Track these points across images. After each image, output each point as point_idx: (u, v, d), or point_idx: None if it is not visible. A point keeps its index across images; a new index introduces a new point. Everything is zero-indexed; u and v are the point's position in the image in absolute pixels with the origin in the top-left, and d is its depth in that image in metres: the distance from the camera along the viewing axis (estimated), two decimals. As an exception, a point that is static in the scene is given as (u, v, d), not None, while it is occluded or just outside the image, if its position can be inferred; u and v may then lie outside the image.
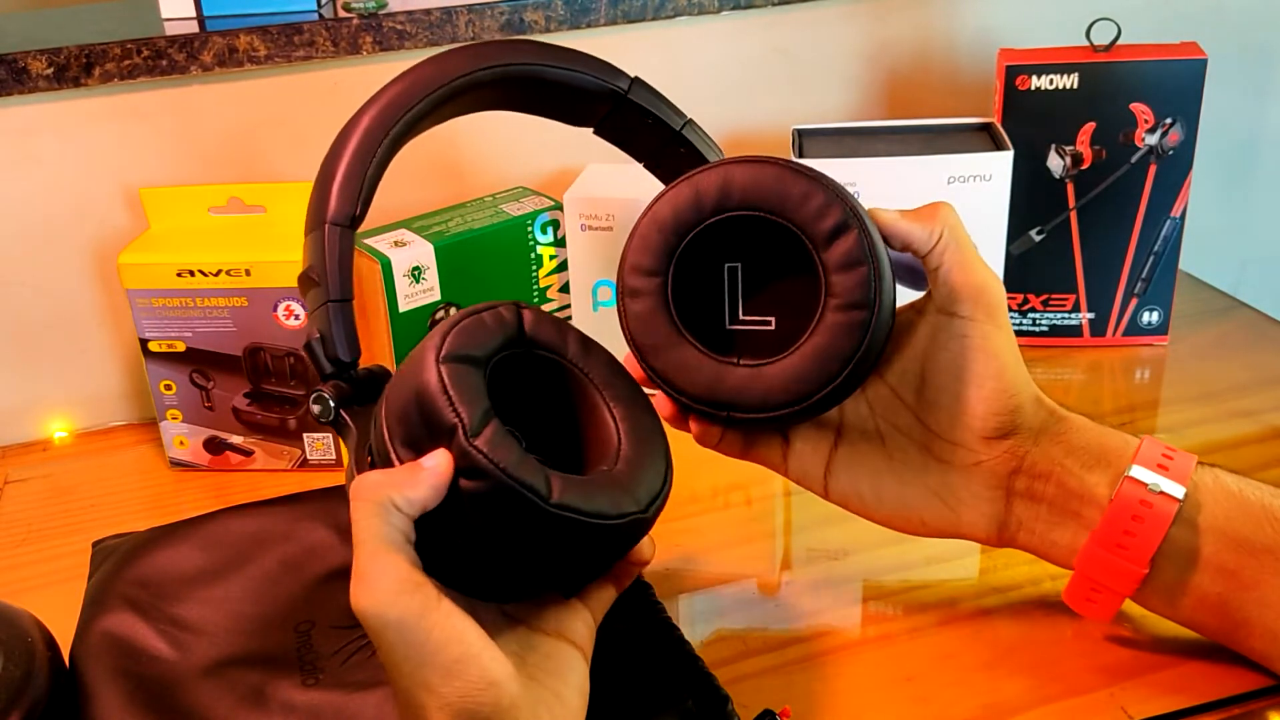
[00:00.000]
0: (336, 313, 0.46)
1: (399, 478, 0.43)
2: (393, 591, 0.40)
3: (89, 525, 0.70)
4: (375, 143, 0.49)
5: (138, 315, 0.71)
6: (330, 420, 0.49)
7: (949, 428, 0.54)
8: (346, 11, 0.79)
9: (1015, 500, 0.54)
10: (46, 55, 0.74)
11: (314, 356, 0.47)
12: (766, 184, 0.49)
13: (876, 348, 0.50)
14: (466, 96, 0.54)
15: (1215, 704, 0.52)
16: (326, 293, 0.47)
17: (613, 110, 0.58)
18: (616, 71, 0.58)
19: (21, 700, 0.47)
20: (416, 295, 0.72)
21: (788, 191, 0.49)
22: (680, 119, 0.59)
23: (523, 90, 0.56)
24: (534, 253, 0.76)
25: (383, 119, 0.50)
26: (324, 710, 0.50)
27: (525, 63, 0.55)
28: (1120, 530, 0.51)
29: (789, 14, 0.88)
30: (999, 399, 0.52)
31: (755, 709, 0.52)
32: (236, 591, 0.57)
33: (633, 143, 0.60)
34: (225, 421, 0.74)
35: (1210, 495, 0.51)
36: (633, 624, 0.55)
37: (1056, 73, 0.78)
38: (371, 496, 0.42)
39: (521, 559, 0.45)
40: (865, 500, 0.56)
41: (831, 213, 0.49)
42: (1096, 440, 0.53)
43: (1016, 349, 0.53)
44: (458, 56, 0.53)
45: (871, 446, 0.56)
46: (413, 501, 0.42)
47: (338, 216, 0.48)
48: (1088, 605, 0.54)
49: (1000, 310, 0.53)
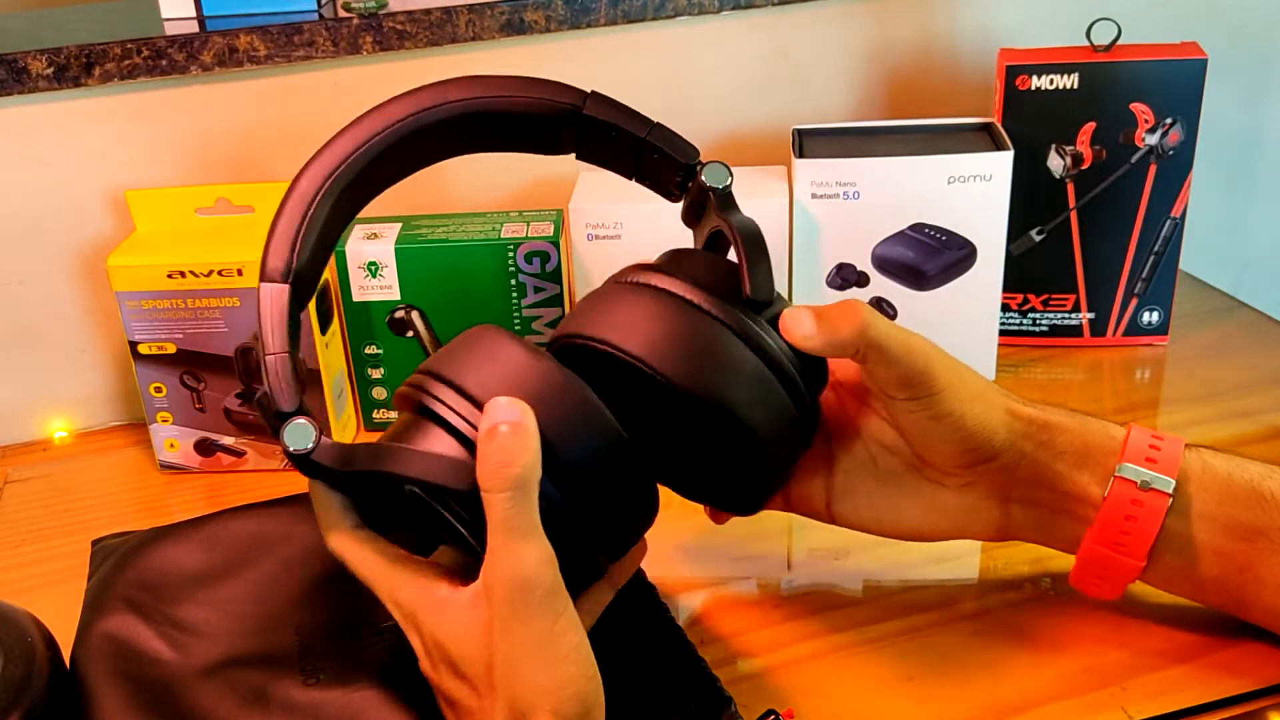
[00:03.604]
0: (274, 365, 0.47)
1: (515, 446, 0.43)
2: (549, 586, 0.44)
3: (89, 525, 0.70)
4: (309, 198, 0.50)
5: (127, 318, 0.71)
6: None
7: (933, 462, 0.54)
8: (346, 11, 0.79)
9: (1012, 506, 0.55)
10: (46, 55, 0.74)
11: (262, 410, 0.48)
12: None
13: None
14: (419, 144, 0.53)
15: (1215, 704, 0.52)
16: (263, 347, 0.48)
17: (579, 131, 0.55)
18: (569, 89, 0.55)
19: (21, 700, 0.47)
20: (371, 289, 0.74)
21: None
22: (645, 126, 0.55)
23: (479, 128, 0.55)
24: (515, 279, 0.74)
25: (321, 171, 0.51)
26: (326, 709, 0.50)
27: (468, 97, 0.53)
28: (1116, 529, 0.52)
29: (789, 14, 0.88)
30: (969, 440, 0.52)
31: (756, 709, 0.52)
32: (237, 592, 0.57)
33: (610, 161, 0.58)
34: (216, 423, 0.74)
35: (1199, 483, 0.52)
36: (638, 626, 0.55)
37: (1056, 73, 0.78)
38: (508, 479, 0.43)
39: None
40: (868, 523, 0.57)
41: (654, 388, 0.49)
42: (1081, 438, 0.53)
43: (970, 383, 0.52)
44: (397, 105, 0.53)
45: (865, 471, 0.56)
46: (531, 465, 0.44)
47: (270, 274, 0.48)
48: (1092, 590, 0.55)
49: (935, 372, 0.51)
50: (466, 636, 0.45)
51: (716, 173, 0.54)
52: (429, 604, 0.46)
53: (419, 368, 0.49)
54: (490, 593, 0.44)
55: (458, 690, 0.46)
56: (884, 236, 0.75)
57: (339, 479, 0.48)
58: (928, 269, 0.75)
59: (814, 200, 0.74)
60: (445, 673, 0.47)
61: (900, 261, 0.75)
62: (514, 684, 0.44)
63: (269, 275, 0.48)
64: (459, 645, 0.45)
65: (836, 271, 0.77)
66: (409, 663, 0.50)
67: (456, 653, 0.46)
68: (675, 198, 0.57)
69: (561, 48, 0.84)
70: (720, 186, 0.54)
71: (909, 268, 0.76)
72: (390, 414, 0.78)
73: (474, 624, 0.45)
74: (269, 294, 0.48)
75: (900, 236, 0.75)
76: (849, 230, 0.75)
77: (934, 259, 0.75)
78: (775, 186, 0.76)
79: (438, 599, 0.46)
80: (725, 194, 0.54)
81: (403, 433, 0.48)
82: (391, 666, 0.52)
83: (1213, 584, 0.53)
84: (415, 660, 0.49)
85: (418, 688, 0.50)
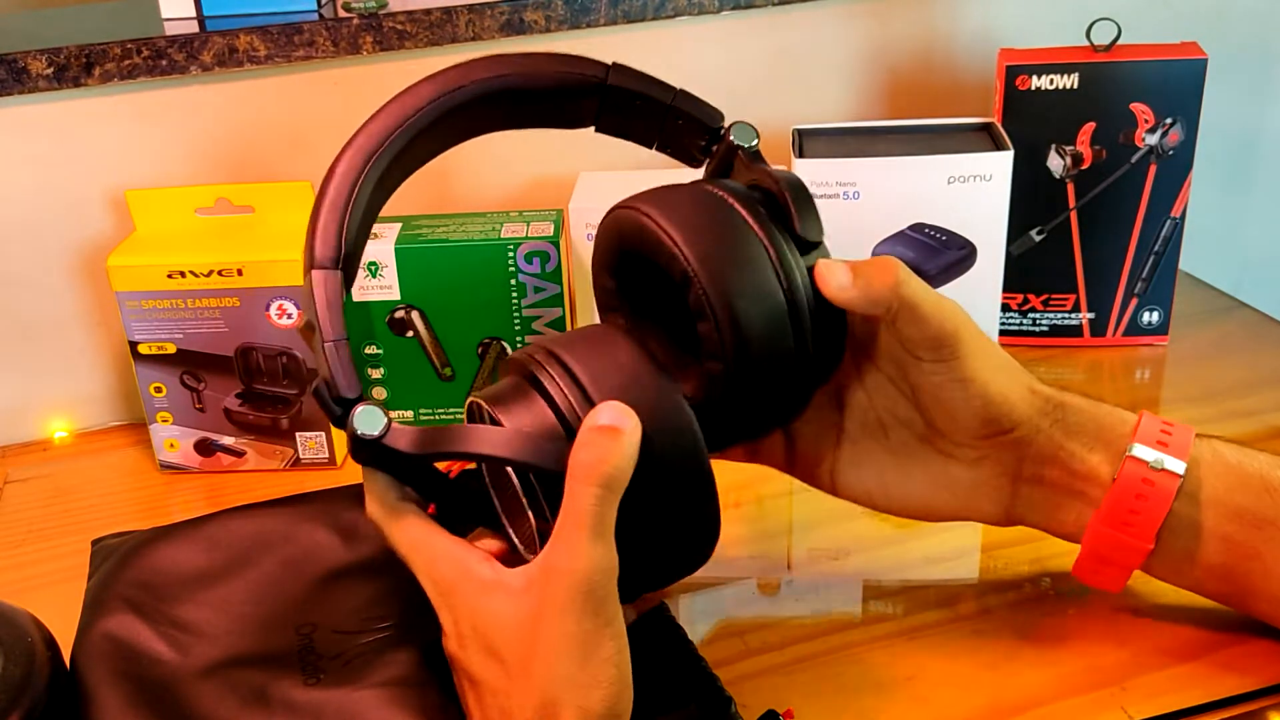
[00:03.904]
0: (333, 352, 0.47)
1: (618, 449, 0.44)
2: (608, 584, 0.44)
3: (89, 525, 0.70)
4: (351, 183, 0.50)
5: (126, 318, 0.71)
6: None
7: (947, 432, 0.54)
8: (346, 11, 0.79)
9: (1021, 485, 0.54)
10: (46, 55, 0.74)
11: (321, 400, 0.48)
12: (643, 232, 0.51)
13: (753, 400, 0.50)
14: (447, 124, 0.54)
15: (1215, 704, 0.52)
16: (320, 335, 0.47)
17: (602, 102, 0.57)
18: (591, 62, 0.57)
19: (22, 700, 0.47)
20: (371, 289, 0.74)
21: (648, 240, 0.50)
22: (670, 92, 0.57)
23: (504, 105, 0.56)
24: (515, 279, 0.74)
25: (357, 156, 0.51)
26: (326, 709, 0.50)
27: (495, 75, 0.54)
28: (1125, 509, 0.52)
29: (789, 14, 0.88)
30: (989, 409, 0.53)
31: (756, 709, 0.52)
32: (238, 592, 0.57)
33: (632, 131, 0.59)
34: (216, 423, 0.74)
35: (1210, 469, 0.52)
36: (639, 626, 0.55)
37: (1056, 73, 0.78)
38: (603, 476, 0.43)
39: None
40: (873, 495, 0.56)
41: (674, 266, 0.49)
42: (1095, 420, 0.53)
43: (995, 353, 0.53)
44: (426, 86, 0.53)
45: (875, 441, 0.56)
46: (626, 471, 0.44)
47: (321, 260, 0.49)
48: (1096, 577, 0.55)
49: (963, 338, 0.52)
50: (512, 621, 0.45)
51: (744, 132, 0.55)
52: (471, 584, 0.46)
53: (537, 341, 0.49)
54: (548, 580, 0.44)
55: (486, 670, 0.46)
56: (884, 236, 0.75)
57: (404, 464, 0.48)
58: (928, 269, 0.75)
59: (815, 200, 0.74)
60: (476, 650, 0.47)
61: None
62: (552, 675, 0.44)
63: (319, 263, 0.48)
64: (501, 628, 0.45)
65: (836, 271, 0.77)
66: (410, 663, 0.50)
67: (496, 635, 0.45)
68: (698, 162, 0.58)
69: (561, 48, 0.83)
70: (749, 144, 0.54)
71: (909, 268, 0.75)
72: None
73: (521, 609, 0.45)
74: (321, 280, 0.48)
75: (900, 236, 0.75)
76: (849, 230, 0.75)
77: (934, 259, 0.75)
78: (775, 186, 0.76)
79: (482, 579, 0.46)
80: (754, 151, 0.54)
81: (506, 394, 0.48)
82: (392, 666, 0.52)
83: (1218, 572, 0.53)
84: (416, 660, 0.49)
85: (419, 688, 0.50)
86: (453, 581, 0.47)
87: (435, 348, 0.75)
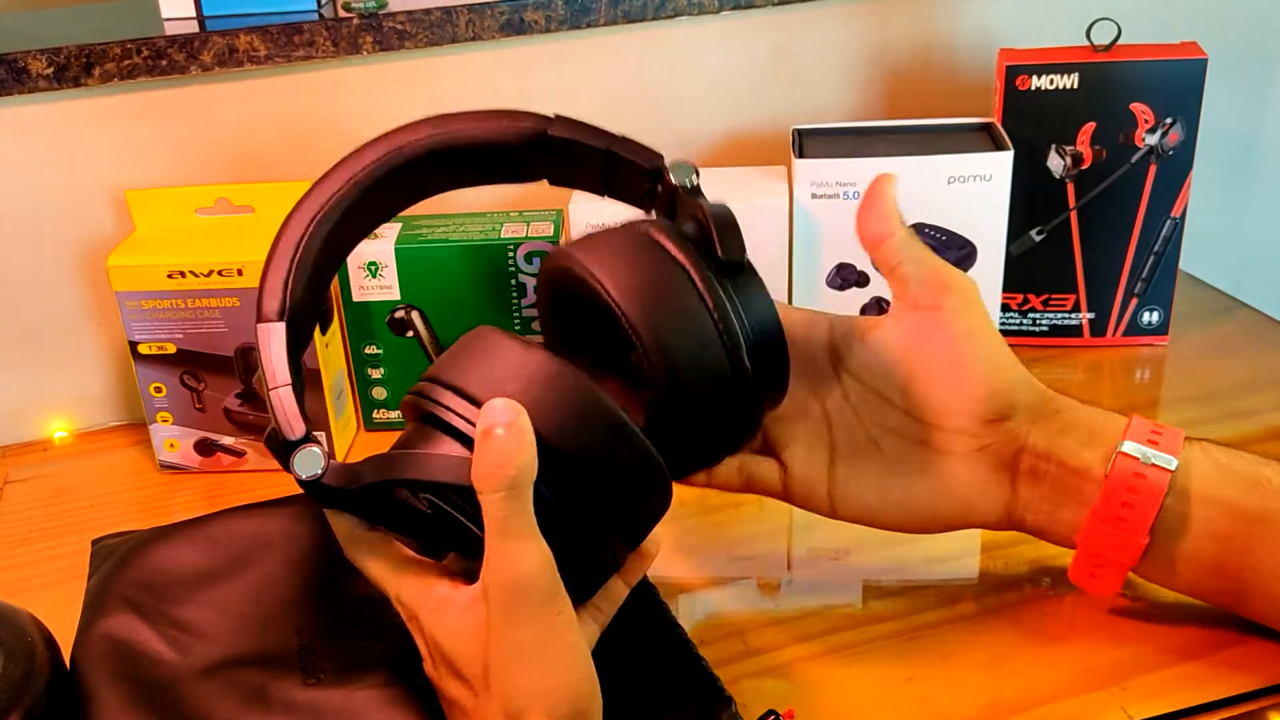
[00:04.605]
0: (275, 399, 0.48)
1: (510, 448, 0.43)
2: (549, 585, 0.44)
3: (89, 525, 0.70)
4: (297, 241, 0.52)
5: (127, 318, 0.71)
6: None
7: (948, 416, 0.54)
8: (346, 11, 0.79)
9: (1020, 481, 0.55)
10: (46, 55, 0.74)
11: (270, 446, 0.49)
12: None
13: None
14: (396, 183, 0.55)
15: (1215, 704, 0.52)
16: (266, 382, 0.49)
17: (548, 155, 0.57)
18: (534, 116, 0.56)
19: (22, 700, 0.47)
20: (371, 289, 0.74)
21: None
22: (605, 138, 0.56)
23: (451, 162, 0.56)
24: (515, 279, 0.74)
25: (304, 217, 0.52)
26: (326, 709, 0.50)
27: (436, 132, 0.55)
28: (1118, 503, 0.52)
29: (789, 14, 0.88)
30: (996, 378, 0.54)
31: (756, 709, 0.52)
32: (237, 592, 0.57)
33: (580, 180, 0.59)
34: (216, 423, 0.74)
35: (1200, 466, 0.53)
36: (637, 625, 0.55)
37: (1056, 73, 0.78)
38: (503, 481, 0.43)
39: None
40: (874, 510, 0.57)
41: (598, 300, 0.50)
42: (1087, 418, 0.54)
43: (995, 330, 0.55)
44: (370, 148, 0.54)
45: (868, 457, 0.56)
46: (527, 465, 0.44)
47: (266, 314, 0.50)
48: (1092, 581, 0.55)
49: (976, 296, 0.54)
50: (463, 636, 0.45)
51: (683, 170, 0.55)
52: (429, 604, 0.47)
53: (422, 375, 0.50)
54: (487, 593, 0.44)
55: (456, 690, 0.47)
56: (884, 236, 0.75)
57: (352, 498, 0.49)
58: (928, 269, 0.75)
59: (814, 200, 0.74)
60: (445, 672, 0.47)
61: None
62: (508, 685, 0.44)
63: (265, 316, 0.50)
64: (456, 645, 0.46)
65: (836, 271, 0.77)
66: (410, 663, 0.50)
67: (453, 652, 0.46)
68: (648, 205, 0.57)
69: (561, 48, 0.84)
70: (689, 182, 0.54)
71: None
72: (390, 414, 0.78)
73: (470, 624, 0.45)
74: (266, 332, 0.49)
75: (900, 236, 0.75)
76: (849, 230, 0.74)
77: (934, 259, 0.75)
78: (775, 187, 0.76)
79: (437, 598, 0.47)
80: (694, 188, 0.54)
81: (409, 440, 0.48)
82: (393, 667, 0.52)
83: (1211, 570, 0.53)
84: (417, 660, 0.49)
85: (419, 688, 0.50)
86: (416, 603, 0.47)
87: (435, 348, 0.75)
